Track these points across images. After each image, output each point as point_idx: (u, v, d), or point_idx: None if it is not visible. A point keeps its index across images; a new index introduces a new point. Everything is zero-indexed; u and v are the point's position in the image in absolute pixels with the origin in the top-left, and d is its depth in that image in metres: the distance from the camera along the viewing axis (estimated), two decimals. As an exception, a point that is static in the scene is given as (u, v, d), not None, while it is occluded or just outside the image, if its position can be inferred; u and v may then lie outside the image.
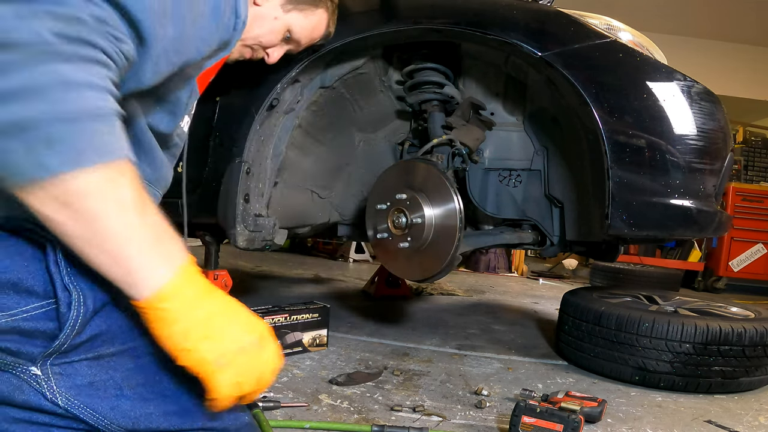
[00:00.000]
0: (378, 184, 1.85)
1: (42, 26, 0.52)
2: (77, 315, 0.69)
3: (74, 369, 0.72)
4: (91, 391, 0.72)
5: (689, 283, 5.01)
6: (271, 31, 1.26)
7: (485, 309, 2.99)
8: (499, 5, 1.58)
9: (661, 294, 2.19)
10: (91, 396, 0.72)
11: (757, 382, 1.72)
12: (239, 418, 0.84)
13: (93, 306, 0.71)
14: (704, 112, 1.53)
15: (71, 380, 0.71)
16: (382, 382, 1.60)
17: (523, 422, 1.20)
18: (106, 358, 0.74)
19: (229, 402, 0.69)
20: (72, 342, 0.70)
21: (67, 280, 0.69)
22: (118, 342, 0.75)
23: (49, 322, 0.69)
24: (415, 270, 1.78)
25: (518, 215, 2.02)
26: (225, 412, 0.78)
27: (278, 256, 5.06)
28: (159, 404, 0.76)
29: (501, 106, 1.94)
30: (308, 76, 1.71)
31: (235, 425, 0.82)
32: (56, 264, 0.69)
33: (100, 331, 0.73)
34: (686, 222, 1.52)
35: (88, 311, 0.70)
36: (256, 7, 1.22)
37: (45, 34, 0.52)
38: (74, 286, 0.69)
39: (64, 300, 0.69)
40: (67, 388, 0.71)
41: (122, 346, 0.75)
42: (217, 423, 0.80)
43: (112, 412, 0.73)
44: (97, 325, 0.72)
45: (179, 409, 0.77)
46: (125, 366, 0.75)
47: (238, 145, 1.60)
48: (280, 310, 1.79)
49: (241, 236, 1.68)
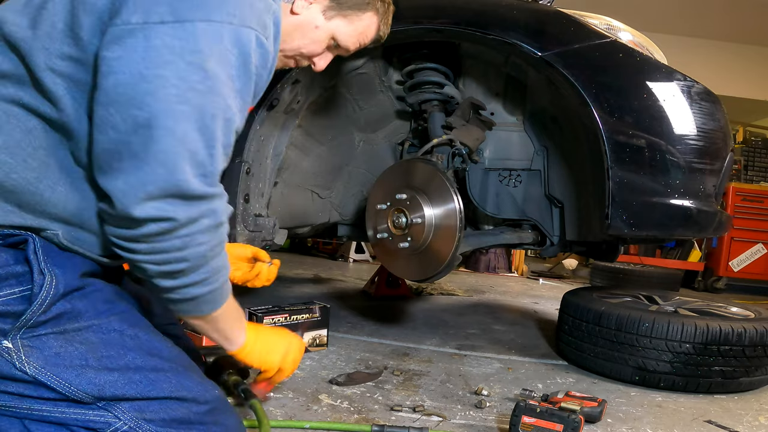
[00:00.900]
0: (378, 184, 1.85)
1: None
2: (46, 295, 0.81)
3: (41, 342, 0.82)
4: (57, 361, 0.82)
5: (689, 283, 5.01)
6: (313, 41, 1.13)
7: (485, 309, 2.99)
8: (499, 5, 1.58)
9: (661, 294, 2.19)
10: (57, 365, 0.82)
11: (757, 382, 1.72)
12: (209, 391, 0.94)
13: (63, 289, 0.84)
14: (704, 112, 1.53)
15: (39, 352, 0.82)
16: (382, 382, 1.60)
17: (523, 422, 1.20)
18: (71, 333, 0.85)
19: (289, 373, 1.19)
20: (38, 318, 0.81)
21: (44, 265, 0.82)
22: (83, 319, 0.86)
23: (20, 306, 0.81)
24: (415, 270, 1.78)
25: (518, 215, 2.02)
26: (193, 384, 0.92)
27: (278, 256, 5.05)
28: (123, 374, 0.86)
29: (501, 106, 1.95)
30: (308, 76, 1.71)
31: (204, 397, 0.92)
32: (35, 253, 0.83)
33: (65, 310, 0.84)
34: (686, 222, 1.52)
35: (57, 293, 0.83)
36: (294, 17, 1.08)
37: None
38: (49, 271, 0.83)
39: (38, 282, 0.81)
40: (35, 359, 0.81)
41: (86, 323, 0.86)
42: (185, 393, 0.90)
43: (78, 378, 0.83)
44: (63, 306, 0.84)
45: (143, 378, 0.87)
46: (89, 340, 0.86)
47: (238, 144, 1.59)
48: (280, 310, 1.79)
49: (241, 236, 1.68)
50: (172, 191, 0.77)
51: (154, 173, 0.76)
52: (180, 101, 0.76)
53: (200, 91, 0.77)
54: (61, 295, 0.83)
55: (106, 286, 0.93)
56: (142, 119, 0.74)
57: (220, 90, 0.80)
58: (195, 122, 0.78)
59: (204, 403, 0.91)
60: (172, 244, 0.80)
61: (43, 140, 0.82)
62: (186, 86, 0.76)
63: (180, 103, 0.76)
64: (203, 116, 0.78)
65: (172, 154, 0.76)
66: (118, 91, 0.74)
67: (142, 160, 0.75)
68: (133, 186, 0.76)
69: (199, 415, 0.90)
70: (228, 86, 0.81)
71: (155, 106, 0.74)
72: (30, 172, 0.81)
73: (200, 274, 0.86)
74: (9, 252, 0.83)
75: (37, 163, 0.82)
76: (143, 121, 0.74)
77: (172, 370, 0.90)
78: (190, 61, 0.76)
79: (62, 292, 0.83)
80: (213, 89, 0.78)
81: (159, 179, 0.76)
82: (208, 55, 0.77)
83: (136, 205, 0.76)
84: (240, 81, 0.83)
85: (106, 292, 0.92)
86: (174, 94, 0.75)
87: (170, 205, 0.78)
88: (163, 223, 0.78)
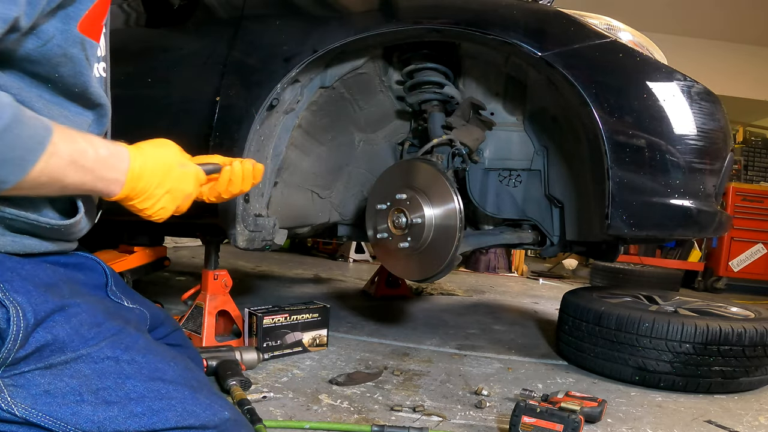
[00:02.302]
0: (378, 184, 1.85)
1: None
2: (17, 329, 0.72)
3: (26, 380, 0.74)
4: (48, 399, 0.74)
5: (689, 283, 5.01)
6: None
7: (485, 309, 2.99)
8: (499, 5, 1.58)
9: (661, 294, 2.19)
10: (48, 404, 0.74)
11: (757, 382, 1.72)
12: (218, 414, 0.83)
13: (34, 318, 0.74)
14: (704, 112, 1.53)
15: (25, 390, 0.74)
16: (382, 382, 1.60)
17: (523, 422, 1.20)
18: (59, 367, 0.76)
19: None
20: (16, 355, 0.73)
21: (2, 296, 0.72)
22: (69, 350, 0.77)
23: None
24: (415, 270, 1.78)
25: (518, 215, 2.02)
26: (201, 409, 0.80)
27: (278, 256, 5.06)
28: (124, 406, 0.77)
29: (501, 106, 1.94)
30: (308, 76, 1.71)
31: (213, 421, 0.82)
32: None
33: (46, 342, 0.75)
34: (686, 222, 1.52)
35: (29, 324, 0.73)
36: None
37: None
38: (10, 301, 0.73)
39: (2, 316, 0.72)
40: (22, 399, 0.73)
41: (73, 354, 0.77)
42: (193, 420, 0.80)
43: (74, 417, 0.74)
44: (42, 337, 0.75)
45: (146, 409, 0.78)
46: (81, 372, 0.77)
47: (238, 145, 1.60)
48: (280, 310, 1.79)
49: (241, 236, 1.68)
50: None
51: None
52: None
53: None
54: (34, 325, 0.74)
55: (89, 306, 0.83)
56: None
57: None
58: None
59: (213, 428, 0.82)
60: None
61: None
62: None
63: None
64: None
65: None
66: None
67: None
68: None
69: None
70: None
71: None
72: None
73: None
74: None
75: None
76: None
77: (177, 395, 0.81)
78: None
79: (33, 322, 0.74)
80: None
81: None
82: None
83: None
84: None
85: (91, 314, 0.82)
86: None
87: None
88: None
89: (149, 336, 0.92)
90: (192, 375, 0.88)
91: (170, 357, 0.88)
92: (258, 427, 1.12)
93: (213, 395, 0.87)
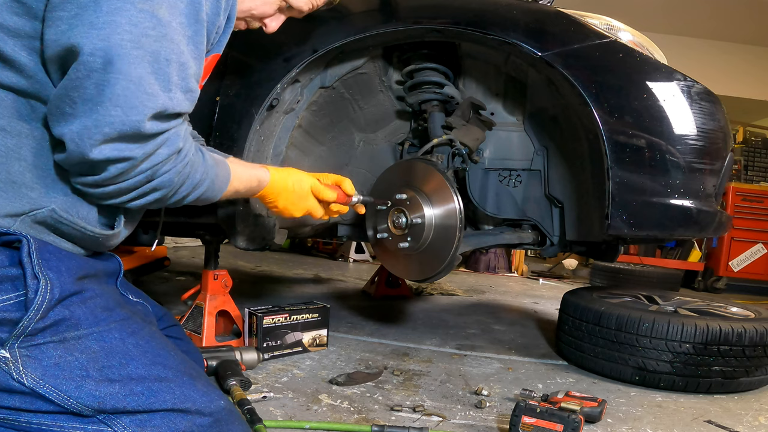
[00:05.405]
0: (378, 184, 1.85)
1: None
2: (42, 300, 0.79)
3: (40, 351, 0.80)
4: (56, 372, 0.80)
5: (689, 283, 5.01)
6: (264, 2, 1.14)
7: (485, 309, 2.99)
8: (499, 5, 1.58)
9: (661, 294, 2.19)
10: (56, 377, 0.80)
11: (757, 382, 1.72)
12: (214, 402, 0.89)
13: (59, 294, 0.81)
14: (704, 112, 1.53)
15: (38, 362, 0.79)
16: (382, 382, 1.60)
17: (523, 422, 1.20)
18: (71, 341, 0.82)
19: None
20: (36, 325, 0.79)
21: (37, 269, 0.80)
22: (83, 327, 0.84)
23: (17, 312, 0.79)
24: (415, 270, 1.78)
25: (518, 215, 2.02)
26: (198, 395, 0.87)
27: (278, 256, 5.06)
28: (125, 385, 0.83)
29: (501, 106, 1.94)
30: (308, 76, 1.71)
31: (209, 408, 0.88)
32: (29, 256, 0.80)
33: (63, 317, 0.82)
34: (686, 222, 1.52)
35: (54, 298, 0.80)
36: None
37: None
38: (43, 275, 0.80)
39: (32, 287, 0.79)
40: (33, 369, 0.79)
41: (86, 330, 0.84)
42: (189, 404, 0.86)
43: (77, 391, 0.80)
44: (61, 312, 0.82)
45: (145, 389, 0.84)
46: (90, 348, 0.83)
47: (238, 145, 1.60)
48: (280, 310, 1.79)
49: (241, 236, 1.68)
50: (127, 132, 0.78)
51: (110, 115, 0.76)
52: (134, 47, 0.76)
53: (153, 37, 0.78)
54: (57, 301, 0.81)
55: (104, 292, 0.91)
56: (96, 64, 0.74)
57: (173, 36, 0.80)
58: (149, 65, 0.78)
59: (208, 415, 0.87)
60: (137, 180, 0.83)
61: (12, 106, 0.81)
62: (139, 32, 0.76)
63: (134, 48, 0.76)
64: (158, 60, 0.79)
65: (128, 97, 0.76)
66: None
67: (97, 103, 0.75)
68: (89, 128, 0.76)
69: (204, 427, 0.87)
70: (179, 33, 0.82)
71: (110, 51, 0.74)
72: (10, 138, 0.81)
73: (183, 191, 0.92)
74: (4, 252, 0.81)
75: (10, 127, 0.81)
76: (97, 66, 0.74)
77: (176, 380, 0.87)
78: (141, 9, 0.76)
79: (58, 297, 0.81)
80: (166, 36, 0.79)
81: (115, 121, 0.76)
82: (159, 3, 0.78)
83: (93, 148, 0.76)
84: (191, 28, 0.84)
85: (105, 299, 0.90)
86: (128, 39, 0.75)
87: (126, 145, 0.79)
88: (122, 164, 0.80)
89: (155, 327, 1.01)
90: (190, 365, 0.94)
91: (172, 347, 0.95)
92: (258, 427, 1.12)
93: (210, 385, 0.93)
